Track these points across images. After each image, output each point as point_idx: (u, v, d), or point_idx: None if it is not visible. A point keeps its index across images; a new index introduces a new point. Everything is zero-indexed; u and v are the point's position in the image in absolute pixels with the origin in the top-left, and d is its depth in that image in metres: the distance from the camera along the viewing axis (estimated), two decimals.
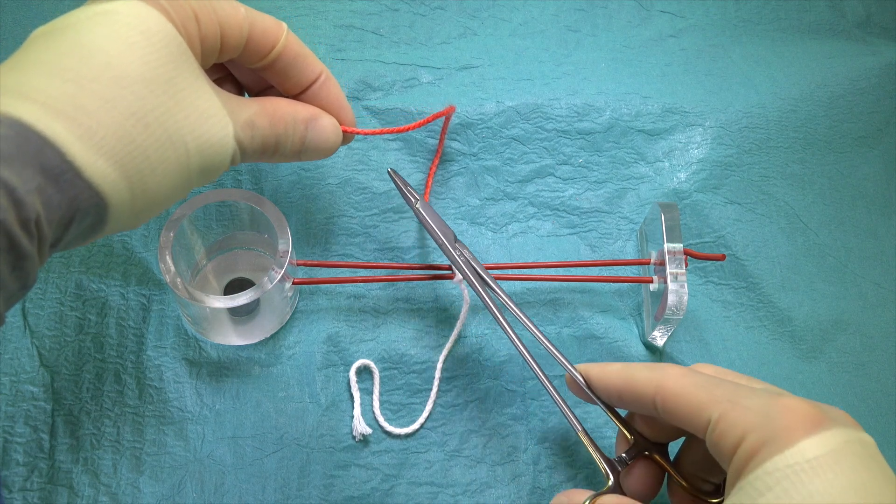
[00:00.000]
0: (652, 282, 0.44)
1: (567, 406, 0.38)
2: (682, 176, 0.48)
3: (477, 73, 0.49)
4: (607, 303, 0.46)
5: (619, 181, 0.48)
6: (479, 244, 0.46)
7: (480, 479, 0.42)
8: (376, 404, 0.42)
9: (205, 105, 0.30)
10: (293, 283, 0.42)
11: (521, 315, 0.40)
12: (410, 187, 0.42)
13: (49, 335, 0.42)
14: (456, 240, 0.41)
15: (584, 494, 0.33)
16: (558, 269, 0.45)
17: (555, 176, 0.48)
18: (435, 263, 0.45)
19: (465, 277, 0.41)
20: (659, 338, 0.44)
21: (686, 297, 0.40)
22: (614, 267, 0.46)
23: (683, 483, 0.35)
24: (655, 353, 0.45)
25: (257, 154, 0.34)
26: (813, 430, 0.27)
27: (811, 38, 0.54)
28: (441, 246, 0.41)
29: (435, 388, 0.43)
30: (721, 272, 0.47)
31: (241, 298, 0.38)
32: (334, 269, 0.44)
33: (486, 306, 0.40)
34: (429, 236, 0.46)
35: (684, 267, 0.41)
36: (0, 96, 0.25)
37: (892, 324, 0.47)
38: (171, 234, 0.39)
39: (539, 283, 0.45)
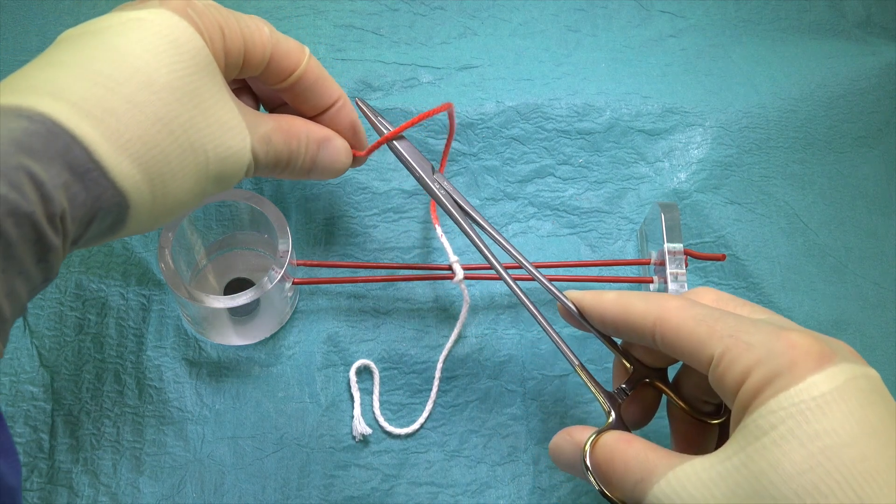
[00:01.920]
0: (652, 282, 0.44)
1: (562, 340, 0.36)
2: (682, 176, 0.48)
3: (477, 73, 0.49)
4: None
5: (620, 181, 0.48)
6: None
7: (480, 479, 0.42)
8: (376, 404, 0.42)
9: (226, 116, 0.31)
10: (293, 283, 0.42)
11: (503, 242, 0.39)
12: (381, 117, 0.41)
13: (49, 335, 0.42)
14: (434, 172, 0.41)
15: (586, 432, 0.32)
16: (558, 269, 0.45)
17: (555, 176, 0.48)
18: (435, 264, 0.45)
19: (445, 209, 0.40)
20: None
21: None
22: (614, 267, 0.46)
23: (684, 406, 0.34)
24: None
25: (269, 168, 0.35)
26: (818, 366, 0.26)
27: (811, 38, 0.54)
28: (418, 179, 0.41)
29: (435, 388, 0.43)
30: (721, 272, 0.47)
31: (241, 298, 0.38)
32: (334, 269, 0.44)
33: (471, 240, 0.39)
34: (431, 235, 0.46)
35: (684, 267, 0.41)
36: (31, 93, 0.26)
37: (892, 324, 0.47)
38: (171, 235, 0.39)
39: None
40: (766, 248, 0.48)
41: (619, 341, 0.36)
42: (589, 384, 0.35)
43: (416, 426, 0.42)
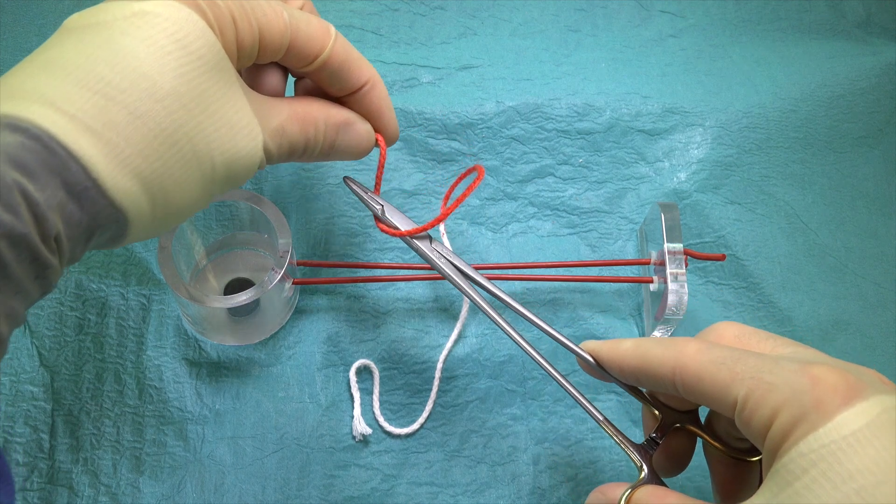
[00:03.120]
0: (652, 282, 0.44)
1: (583, 396, 0.35)
2: (682, 176, 0.48)
3: (477, 73, 0.49)
4: (607, 303, 0.46)
5: (619, 181, 0.48)
6: (479, 244, 0.46)
7: (480, 479, 0.42)
8: (376, 404, 0.42)
9: (236, 117, 0.30)
10: (293, 283, 0.42)
11: (511, 303, 0.37)
12: (371, 193, 0.39)
13: (49, 335, 0.42)
14: (432, 240, 0.39)
15: (619, 488, 0.31)
16: (558, 269, 0.45)
17: (555, 176, 0.48)
18: None
19: (448, 278, 0.38)
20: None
21: (686, 297, 0.40)
22: (614, 267, 0.46)
23: (720, 447, 0.33)
24: None
25: (284, 158, 0.34)
26: (847, 401, 0.25)
27: (811, 38, 0.54)
28: (416, 250, 0.39)
29: (435, 388, 0.43)
30: (721, 272, 0.47)
31: (241, 298, 0.38)
32: (334, 269, 0.44)
33: (475, 303, 0.37)
34: (432, 233, 0.46)
35: (684, 267, 0.41)
36: (29, 101, 0.25)
37: (892, 324, 0.47)
38: (171, 235, 0.39)
39: (539, 283, 0.45)
40: (766, 248, 0.48)
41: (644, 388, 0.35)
42: (617, 439, 0.34)
43: (416, 426, 0.42)
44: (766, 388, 0.26)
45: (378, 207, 0.39)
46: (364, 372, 0.43)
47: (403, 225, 0.39)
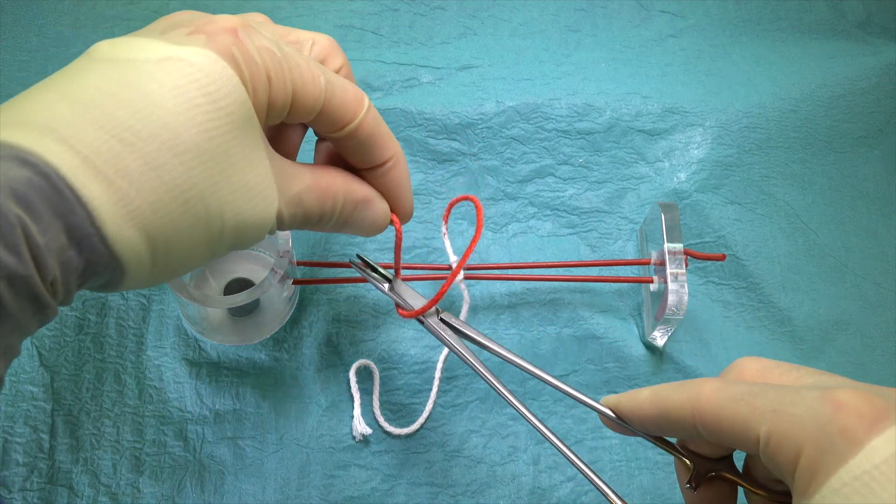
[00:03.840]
0: (652, 282, 0.44)
1: (602, 480, 0.33)
2: (682, 176, 0.48)
3: (477, 73, 0.49)
4: (607, 303, 0.46)
5: (619, 181, 0.48)
6: (479, 244, 0.46)
7: (480, 479, 0.42)
8: (376, 404, 0.42)
9: (255, 180, 0.28)
10: (293, 283, 0.42)
11: (525, 365, 0.36)
12: (379, 268, 0.38)
13: (49, 335, 0.42)
14: (439, 312, 0.38)
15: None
16: (558, 269, 0.45)
17: (555, 176, 0.48)
18: (435, 264, 0.45)
19: (459, 356, 0.37)
20: (659, 338, 0.44)
21: (686, 297, 0.40)
22: (614, 267, 0.46)
23: (761, 493, 0.31)
24: (655, 353, 0.45)
25: (296, 227, 0.32)
26: (873, 427, 0.23)
27: (811, 38, 0.54)
28: (423, 324, 0.38)
29: (435, 388, 0.43)
30: (721, 272, 0.47)
31: (241, 298, 0.38)
32: (334, 269, 0.44)
33: (488, 381, 0.36)
34: (431, 235, 0.46)
35: (684, 267, 0.41)
36: (42, 132, 0.24)
37: (892, 324, 0.47)
38: None
39: (539, 283, 0.45)
40: (766, 248, 0.48)
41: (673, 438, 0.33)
42: None
43: (416, 426, 0.42)
44: (789, 421, 0.25)
45: (385, 284, 0.38)
46: (364, 372, 0.43)
47: (412, 299, 0.38)
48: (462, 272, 0.42)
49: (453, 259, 0.42)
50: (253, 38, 0.27)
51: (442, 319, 0.37)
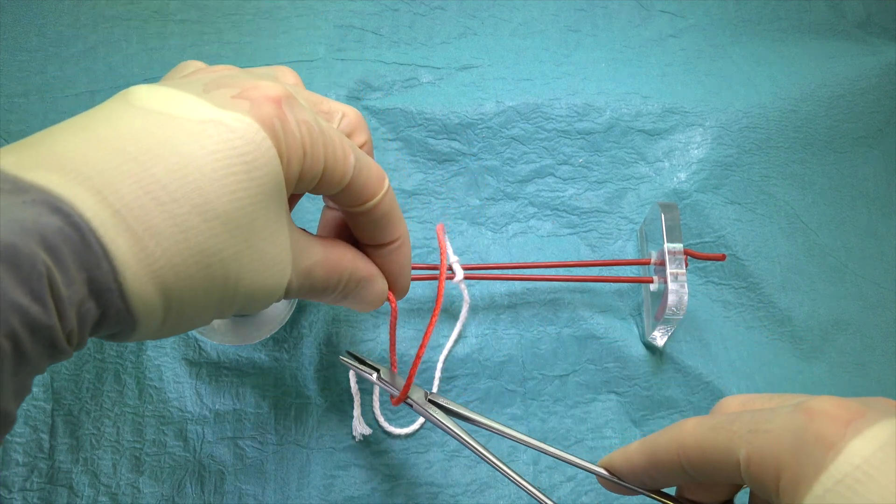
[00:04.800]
0: (652, 282, 0.44)
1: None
2: (682, 176, 0.48)
3: (477, 73, 0.49)
4: (607, 303, 0.46)
5: (619, 181, 0.48)
6: (479, 244, 0.46)
7: (480, 479, 0.42)
8: (376, 404, 0.42)
9: (273, 252, 0.28)
10: None
11: (526, 439, 0.36)
12: (368, 362, 0.39)
13: None
14: (428, 396, 0.38)
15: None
16: (558, 269, 0.45)
17: (555, 176, 0.48)
18: (435, 264, 0.45)
19: (452, 434, 0.37)
20: (659, 338, 0.44)
21: (686, 297, 0.40)
22: (614, 267, 0.46)
23: None
24: (655, 353, 0.45)
25: (299, 297, 0.32)
26: (849, 429, 0.23)
27: (811, 38, 0.54)
28: (412, 407, 0.38)
29: (435, 388, 0.43)
30: (721, 272, 0.47)
31: None
32: None
33: (481, 456, 0.36)
34: (431, 235, 0.46)
35: (684, 267, 0.41)
36: (74, 180, 0.23)
37: (892, 324, 0.47)
38: None
39: (539, 283, 0.45)
40: (766, 248, 0.48)
41: (672, 490, 0.33)
42: None
43: (416, 426, 0.42)
44: (765, 438, 0.25)
45: (374, 374, 0.38)
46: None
47: (398, 384, 0.38)
48: (462, 272, 0.42)
49: (453, 259, 0.42)
50: (295, 111, 0.27)
51: (430, 400, 0.38)
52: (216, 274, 0.26)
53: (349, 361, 0.39)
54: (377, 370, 0.39)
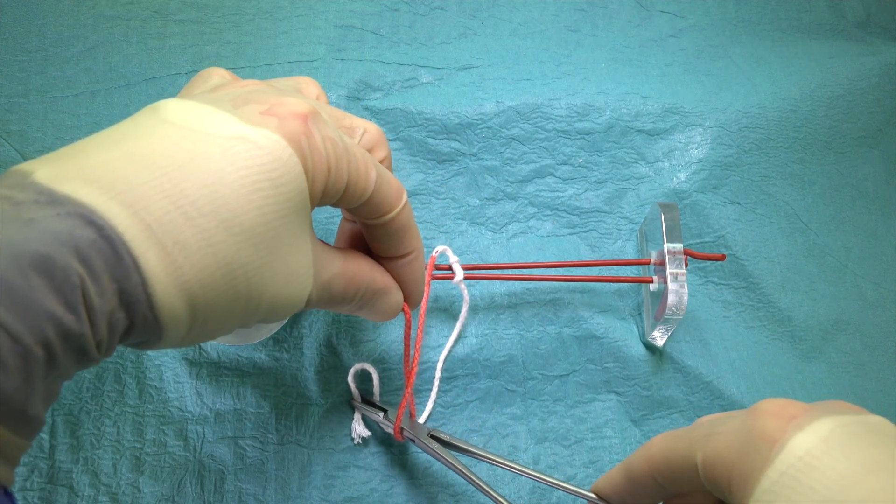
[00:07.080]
0: (652, 282, 0.44)
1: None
2: (682, 176, 0.48)
3: (477, 73, 0.49)
4: (607, 303, 0.46)
5: (619, 181, 0.48)
6: (479, 244, 0.46)
7: (480, 479, 0.42)
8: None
9: (296, 265, 0.29)
10: None
11: (525, 470, 0.37)
12: (375, 402, 0.41)
13: None
14: (429, 433, 0.39)
15: None
16: (558, 269, 0.45)
17: (555, 176, 0.48)
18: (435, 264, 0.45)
19: (450, 467, 0.38)
20: (659, 338, 0.44)
21: (686, 297, 0.40)
22: (614, 267, 0.46)
23: None
24: (655, 353, 0.45)
25: (317, 308, 0.33)
26: (791, 425, 0.25)
27: (811, 38, 0.54)
28: (415, 442, 0.39)
29: (435, 388, 0.43)
30: (721, 272, 0.47)
31: None
32: None
33: (478, 487, 0.37)
34: (431, 236, 0.46)
35: (684, 267, 0.41)
36: (107, 194, 0.24)
37: (892, 324, 0.47)
38: None
39: (539, 283, 0.45)
40: (766, 248, 0.48)
41: None
42: None
43: None
44: (718, 440, 0.26)
45: (381, 414, 0.40)
46: (364, 373, 0.43)
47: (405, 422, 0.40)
48: (462, 272, 0.42)
49: (453, 259, 0.42)
50: (320, 128, 0.28)
51: (431, 435, 0.39)
52: (241, 286, 0.27)
53: (358, 405, 0.41)
54: (384, 410, 0.41)
